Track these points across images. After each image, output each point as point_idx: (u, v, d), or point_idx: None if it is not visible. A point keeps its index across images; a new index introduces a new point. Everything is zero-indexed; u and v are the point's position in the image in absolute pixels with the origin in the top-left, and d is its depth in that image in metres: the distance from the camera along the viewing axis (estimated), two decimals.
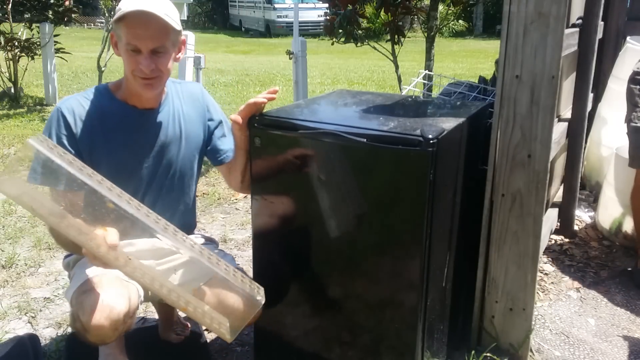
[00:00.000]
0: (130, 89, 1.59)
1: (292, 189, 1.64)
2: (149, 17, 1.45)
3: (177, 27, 1.52)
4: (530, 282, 1.83)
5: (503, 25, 1.71)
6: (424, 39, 4.36)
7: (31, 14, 6.46)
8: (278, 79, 9.06)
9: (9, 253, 2.77)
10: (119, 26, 1.48)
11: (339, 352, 1.69)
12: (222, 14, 23.89)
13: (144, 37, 1.46)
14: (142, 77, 1.50)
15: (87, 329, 1.39)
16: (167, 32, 1.50)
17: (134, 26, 1.46)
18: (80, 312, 1.40)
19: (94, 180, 1.28)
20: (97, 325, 1.38)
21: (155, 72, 1.50)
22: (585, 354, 2.00)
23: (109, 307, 1.40)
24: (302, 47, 5.32)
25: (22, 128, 5.39)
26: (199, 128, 1.73)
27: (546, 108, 1.70)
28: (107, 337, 1.42)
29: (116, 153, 1.59)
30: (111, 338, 1.44)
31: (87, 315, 1.38)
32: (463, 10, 13.18)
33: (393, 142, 1.44)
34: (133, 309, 1.49)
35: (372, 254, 1.56)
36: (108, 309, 1.39)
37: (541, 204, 1.77)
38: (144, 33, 1.46)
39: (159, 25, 1.47)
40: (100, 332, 1.39)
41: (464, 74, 8.88)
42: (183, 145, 1.69)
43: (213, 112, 1.77)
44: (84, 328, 1.40)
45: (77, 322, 1.41)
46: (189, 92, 1.73)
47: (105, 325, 1.38)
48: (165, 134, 1.65)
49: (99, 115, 1.57)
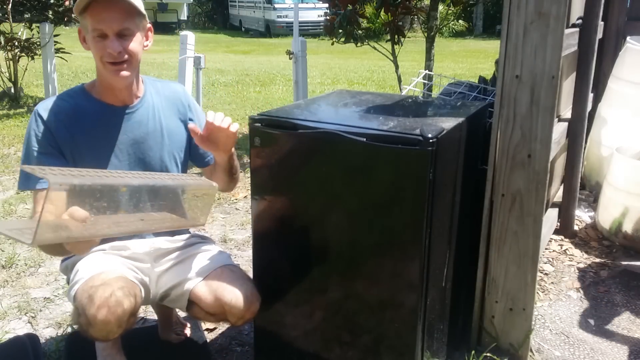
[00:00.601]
0: (104, 84, 1.58)
1: (292, 188, 1.64)
2: (112, 1, 1.46)
3: (141, 9, 1.52)
4: (530, 282, 1.83)
5: (503, 25, 1.71)
6: (424, 39, 4.36)
7: (31, 14, 6.46)
8: (278, 79, 9.06)
9: (9, 253, 2.77)
10: (84, 17, 1.48)
11: (339, 352, 1.69)
12: (222, 14, 23.91)
13: (109, 20, 1.47)
14: (110, 62, 1.50)
15: (92, 323, 1.40)
16: (132, 14, 1.50)
17: (98, 12, 1.46)
18: (88, 306, 1.41)
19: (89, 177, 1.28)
20: (103, 320, 1.39)
21: (122, 54, 1.50)
22: (585, 354, 2.00)
23: (116, 302, 1.41)
24: (302, 47, 5.32)
25: (22, 128, 5.39)
26: (181, 126, 1.72)
27: (546, 108, 1.70)
28: (111, 333, 1.44)
29: (97, 151, 1.59)
30: (115, 334, 1.45)
31: (94, 310, 1.40)
32: (463, 10, 13.19)
33: (393, 142, 1.44)
34: (137, 307, 1.50)
35: (372, 253, 1.56)
36: (115, 305, 1.41)
37: (541, 204, 1.77)
38: (108, 16, 1.46)
39: (123, 7, 1.48)
40: (106, 327, 1.41)
41: (464, 74, 8.89)
42: (165, 142, 1.68)
43: (195, 113, 1.76)
44: (89, 322, 1.41)
45: (82, 317, 1.42)
46: (171, 91, 1.73)
47: (111, 320, 1.40)
48: (145, 131, 1.64)
49: (77, 114, 1.57)
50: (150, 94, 1.67)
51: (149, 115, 1.65)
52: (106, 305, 1.40)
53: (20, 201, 3.49)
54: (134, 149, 1.63)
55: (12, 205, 3.42)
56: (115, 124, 1.61)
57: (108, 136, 1.60)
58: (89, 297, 1.43)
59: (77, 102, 1.58)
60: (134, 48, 1.52)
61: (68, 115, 1.56)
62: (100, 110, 1.59)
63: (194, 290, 1.62)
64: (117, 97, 1.60)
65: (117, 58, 1.49)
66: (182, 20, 20.91)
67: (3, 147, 4.76)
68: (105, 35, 1.48)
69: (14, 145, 4.81)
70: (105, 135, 1.60)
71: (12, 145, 4.81)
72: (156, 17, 19.68)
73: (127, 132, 1.62)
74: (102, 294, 1.42)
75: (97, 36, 1.48)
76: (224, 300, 1.57)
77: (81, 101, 1.58)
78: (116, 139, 1.61)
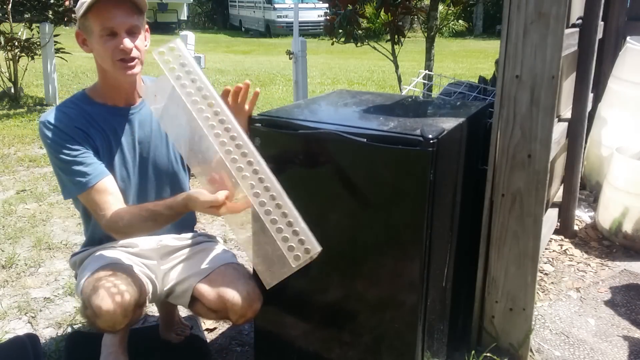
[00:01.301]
0: (109, 85, 1.58)
1: (291, 188, 1.63)
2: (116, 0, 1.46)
3: (142, 8, 1.52)
4: (530, 282, 1.83)
5: (503, 25, 1.71)
6: (424, 39, 4.36)
7: (31, 14, 6.46)
8: (278, 79, 9.06)
9: (9, 253, 2.77)
10: (87, 18, 1.48)
11: (339, 352, 1.69)
12: (222, 14, 23.91)
13: (119, 17, 1.46)
14: (123, 59, 1.49)
15: (98, 314, 1.43)
16: (139, 12, 1.51)
17: (105, 10, 1.46)
18: (93, 297, 1.44)
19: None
20: (109, 310, 1.42)
21: (135, 52, 1.50)
22: (585, 354, 2.00)
23: (122, 292, 1.44)
24: (302, 47, 5.32)
25: (22, 128, 5.39)
26: None
27: (546, 108, 1.70)
28: (117, 323, 1.46)
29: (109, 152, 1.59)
30: (121, 324, 1.48)
31: (100, 300, 1.42)
32: (463, 10, 13.18)
33: (393, 142, 1.44)
34: (143, 299, 1.54)
35: (372, 253, 1.56)
36: (121, 295, 1.44)
37: (541, 204, 1.77)
38: (117, 13, 1.46)
39: (129, 5, 1.48)
40: (112, 317, 1.43)
41: (464, 74, 8.89)
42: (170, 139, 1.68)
43: None
44: (95, 314, 1.44)
45: (89, 309, 1.45)
46: None
47: (116, 310, 1.43)
48: (149, 129, 1.65)
49: (86, 119, 1.56)
50: None
51: (152, 115, 1.65)
52: (111, 295, 1.43)
53: (20, 201, 3.50)
54: (140, 148, 1.64)
55: (12, 205, 3.42)
56: (122, 125, 1.61)
57: (116, 137, 1.60)
58: (94, 288, 1.46)
59: (82, 108, 1.57)
60: (142, 46, 1.54)
61: (80, 121, 1.55)
62: (107, 113, 1.59)
63: (197, 286, 1.63)
64: (122, 97, 1.60)
65: (131, 55, 1.49)
66: (182, 20, 20.92)
67: (3, 147, 4.76)
68: (115, 33, 1.47)
69: (14, 145, 4.81)
70: (114, 136, 1.60)
71: (12, 145, 4.81)
72: (156, 17, 19.68)
73: (133, 132, 1.62)
74: (107, 285, 1.45)
75: (107, 35, 1.48)
76: (226, 297, 1.57)
77: (85, 106, 1.58)
78: (124, 139, 1.61)
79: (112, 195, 1.53)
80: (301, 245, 1.29)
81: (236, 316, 1.59)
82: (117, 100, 1.60)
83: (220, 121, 1.33)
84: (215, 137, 1.32)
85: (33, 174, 4.08)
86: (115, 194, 1.54)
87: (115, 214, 1.50)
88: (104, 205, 1.51)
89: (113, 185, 1.55)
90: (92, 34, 1.50)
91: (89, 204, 1.55)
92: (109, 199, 1.52)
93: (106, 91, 1.60)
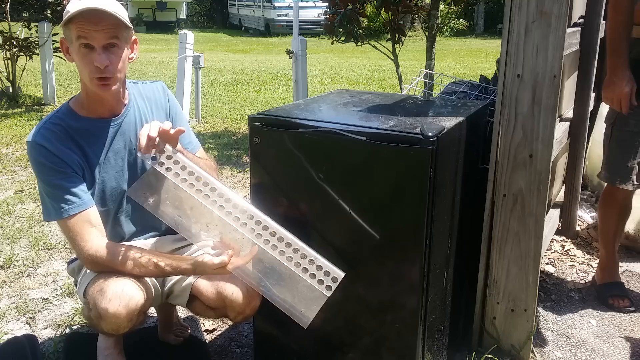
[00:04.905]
0: (91, 97, 1.56)
1: (291, 187, 1.63)
2: (98, 13, 1.42)
3: (127, 23, 1.50)
4: (532, 283, 1.82)
5: (504, 24, 1.70)
6: (425, 38, 4.35)
7: (29, 13, 6.44)
8: (278, 78, 9.05)
9: (7, 254, 2.76)
10: (69, 28, 1.45)
11: (339, 353, 1.68)
12: (221, 12, 23.91)
13: (96, 31, 1.44)
14: (97, 77, 1.47)
15: (103, 316, 1.43)
16: (119, 27, 1.47)
17: (84, 23, 1.43)
18: (99, 299, 1.44)
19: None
20: (115, 312, 1.42)
21: (109, 69, 1.46)
22: (586, 355, 1.99)
23: (129, 296, 1.45)
24: (302, 46, 5.31)
25: (20, 128, 5.38)
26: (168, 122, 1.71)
27: (548, 108, 1.69)
28: (121, 327, 1.47)
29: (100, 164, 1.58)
30: (125, 329, 1.48)
31: (106, 302, 1.43)
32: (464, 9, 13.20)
33: (393, 140, 1.43)
34: (147, 304, 1.54)
35: (372, 253, 1.55)
36: (127, 298, 1.44)
37: (543, 205, 1.75)
38: (95, 27, 1.43)
39: (110, 20, 1.45)
40: (117, 320, 1.44)
41: (465, 73, 8.88)
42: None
43: (172, 105, 1.74)
44: (100, 316, 1.44)
45: (93, 311, 1.45)
46: (152, 91, 1.72)
47: (123, 313, 1.43)
48: (135, 135, 1.62)
49: (72, 138, 1.54)
50: (135, 98, 1.66)
51: (136, 120, 1.64)
52: (118, 298, 1.43)
53: (18, 201, 3.48)
54: (128, 154, 1.63)
55: (10, 205, 3.41)
56: (108, 135, 1.59)
57: (103, 148, 1.59)
58: (101, 290, 1.46)
59: (68, 124, 1.55)
60: (120, 63, 1.49)
61: (67, 139, 1.53)
62: (92, 127, 1.57)
63: (196, 283, 1.63)
64: (106, 107, 1.59)
65: (104, 72, 1.46)
66: (181, 19, 20.90)
67: (1, 146, 4.75)
68: (91, 47, 1.45)
69: (12, 145, 4.79)
70: (101, 148, 1.58)
71: (10, 145, 4.80)
72: (155, 16, 19.68)
73: (119, 140, 1.61)
74: (114, 287, 1.45)
75: (84, 48, 1.45)
76: (225, 293, 1.57)
77: (71, 122, 1.55)
78: (111, 149, 1.60)
79: (95, 227, 1.52)
80: (327, 276, 1.44)
81: (235, 313, 1.59)
82: (101, 111, 1.58)
83: (211, 189, 1.51)
84: (211, 204, 1.49)
85: (31, 174, 4.06)
86: (98, 226, 1.53)
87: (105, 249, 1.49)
88: (85, 237, 1.50)
89: (96, 216, 1.53)
90: (72, 44, 1.48)
91: (68, 232, 1.52)
92: (91, 231, 1.51)
93: (89, 103, 1.57)
